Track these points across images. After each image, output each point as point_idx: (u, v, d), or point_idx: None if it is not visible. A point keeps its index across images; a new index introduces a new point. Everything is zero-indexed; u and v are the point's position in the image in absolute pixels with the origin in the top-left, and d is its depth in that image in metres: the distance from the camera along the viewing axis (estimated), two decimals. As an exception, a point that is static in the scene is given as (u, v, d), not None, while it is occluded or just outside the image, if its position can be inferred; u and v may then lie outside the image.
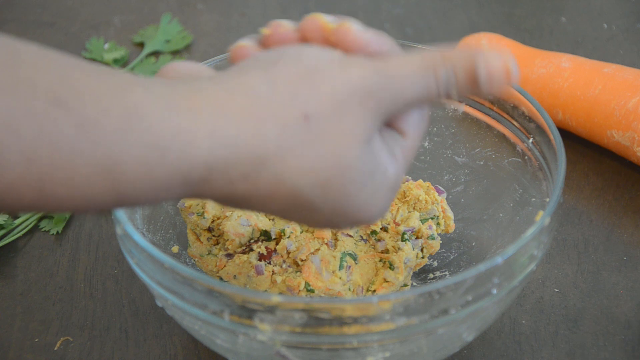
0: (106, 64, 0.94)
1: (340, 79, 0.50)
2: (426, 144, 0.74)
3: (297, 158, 0.49)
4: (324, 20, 0.54)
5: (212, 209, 0.67)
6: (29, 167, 0.44)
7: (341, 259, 0.64)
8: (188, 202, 0.67)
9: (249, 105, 0.48)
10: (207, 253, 0.66)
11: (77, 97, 0.45)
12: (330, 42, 0.54)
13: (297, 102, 0.49)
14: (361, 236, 0.67)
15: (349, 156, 0.49)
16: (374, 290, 0.65)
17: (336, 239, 0.66)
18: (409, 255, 0.65)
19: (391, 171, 0.52)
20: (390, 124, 0.53)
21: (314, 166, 0.49)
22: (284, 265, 0.65)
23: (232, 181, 0.48)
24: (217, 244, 0.67)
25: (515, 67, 0.52)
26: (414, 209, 0.68)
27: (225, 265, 0.66)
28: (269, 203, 0.50)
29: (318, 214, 0.51)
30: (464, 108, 0.72)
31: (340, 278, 0.64)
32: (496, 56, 0.52)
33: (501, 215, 0.70)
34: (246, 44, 0.56)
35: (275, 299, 0.53)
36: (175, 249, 0.68)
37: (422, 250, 0.67)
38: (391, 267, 0.65)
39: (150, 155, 0.46)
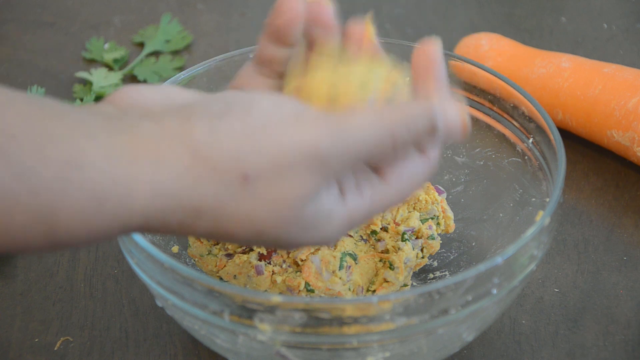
0: (106, 64, 0.95)
1: (288, 141, 0.49)
2: (426, 144, 0.74)
3: (233, 211, 0.49)
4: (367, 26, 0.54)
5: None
6: None
7: (341, 259, 0.64)
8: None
9: (188, 160, 0.48)
10: (207, 253, 0.66)
11: (17, 146, 0.45)
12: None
13: (238, 162, 0.48)
14: (361, 236, 0.67)
15: (286, 214, 0.49)
16: (374, 290, 0.65)
17: (336, 239, 0.66)
18: (409, 255, 0.65)
19: (338, 216, 0.51)
20: (375, 166, 0.53)
21: (248, 218, 0.49)
22: (284, 265, 0.65)
23: (169, 226, 0.49)
24: (217, 244, 0.67)
25: (469, 118, 0.53)
26: (414, 209, 0.68)
27: (225, 265, 0.66)
28: (207, 239, 0.51)
29: (259, 244, 0.52)
30: (464, 108, 0.72)
31: (340, 278, 0.64)
32: (453, 108, 0.52)
33: (501, 215, 0.70)
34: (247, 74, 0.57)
35: (275, 299, 0.53)
36: (175, 249, 0.68)
37: (422, 250, 0.67)
38: (391, 267, 0.65)
39: (87, 205, 0.46)
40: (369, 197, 0.52)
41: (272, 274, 0.65)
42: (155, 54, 0.96)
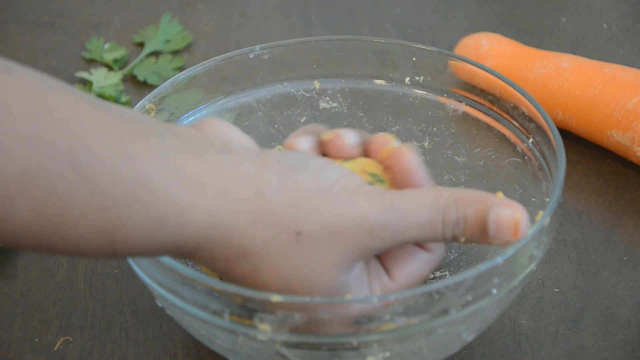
0: (106, 64, 0.94)
1: (344, 208, 0.51)
2: (426, 144, 0.74)
3: (275, 263, 0.51)
4: (390, 140, 0.57)
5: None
6: (35, 221, 0.46)
7: (341, 259, 0.64)
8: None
9: (252, 200, 0.50)
10: (207, 253, 0.66)
11: (93, 164, 0.46)
12: (384, 162, 0.57)
13: (296, 217, 0.51)
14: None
15: (321, 280, 0.52)
16: (374, 290, 0.65)
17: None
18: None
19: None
20: (382, 261, 0.56)
21: (286, 275, 0.51)
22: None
23: (215, 259, 0.51)
24: None
25: (526, 222, 0.53)
26: (414, 209, 0.68)
27: (225, 265, 0.66)
28: (238, 282, 0.53)
29: None
30: (464, 108, 0.72)
31: (340, 278, 0.64)
32: (508, 209, 0.53)
33: (501, 215, 0.70)
34: (301, 144, 0.59)
35: (275, 299, 0.53)
36: (175, 249, 0.68)
37: (422, 250, 0.67)
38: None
39: (149, 226, 0.48)
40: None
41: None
42: (155, 54, 0.96)
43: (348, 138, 0.59)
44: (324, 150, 0.60)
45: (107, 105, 0.49)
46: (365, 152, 0.59)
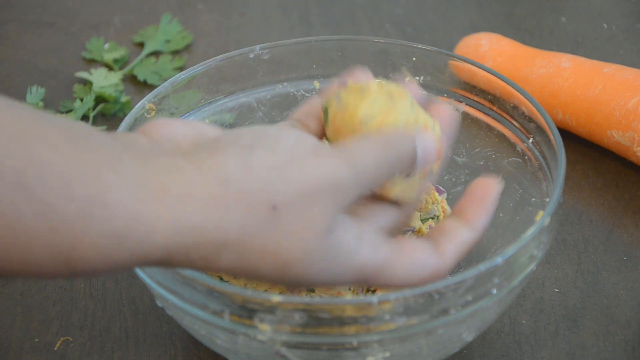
0: (106, 64, 0.94)
1: (311, 171, 0.51)
2: (426, 144, 0.74)
3: (259, 242, 0.50)
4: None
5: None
6: None
7: (341, 259, 0.64)
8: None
9: (218, 192, 0.49)
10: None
11: (43, 183, 0.45)
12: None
13: (267, 193, 0.49)
14: (361, 236, 0.67)
15: (310, 245, 0.51)
16: (374, 290, 0.65)
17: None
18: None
19: (360, 254, 0.53)
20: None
21: (274, 250, 0.50)
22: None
23: (191, 260, 0.49)
24: None
25: (446, 145, 0.58)
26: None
27: (225, 265, 0.66)
28: (229, 274, 0.52)
29: (279, 284, 0.54)
30: (464, 108, 0.72)
31: (340, 278, 0.64)
32: (430, 138, 0.55)
33: (501, 215, 0.70)
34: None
35: (275, 299, 0.53)
36: (175, 249, 0.68)
37: (422, 250, 0.67)
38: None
39: (107, 242, 0.46)
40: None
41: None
42: (155, 54, 0.96)
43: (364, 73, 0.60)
44: None
45: (55, 120, 0.47)
46: None
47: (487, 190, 0.58)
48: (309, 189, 0.50)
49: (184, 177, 0.48)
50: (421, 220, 0.67)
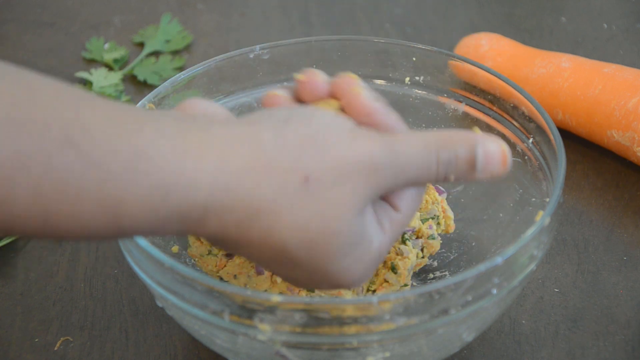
0: (106, 64, 0.95)
1: (347, 150, 0.51)
2: (426, 144, 0.74)
3: (289, 215, 0.50)
4: (357, 84, 0.56)
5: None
6: (36, 200, 0.46)
7: (341, 259, 0.64)
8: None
9: (253, 157, 0.50)
10: (207, 253, 0.66)
11: (88, 138, 0.46)
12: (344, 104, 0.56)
13: (301, 164, 0.50)
14: (361, 236, 0.67)
15: (339, 224, 0.51)
16: (374, 290, 0.65)
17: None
18: (414, 262, 0.66)
19: (376, 244, 0.53)
20: (384, 197, 0.55)
21: (303, 225, 0.50)
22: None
23: (226, 225, 0.50)
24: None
25: (510, 153, 0.55)
26: (414, 209, 0.68)
27: (225, 265, 0.66)
28: (256, 252, 0.52)
29: (300, 271, 0.52)
30: (464, 108, 0.72)
31: (340, 278, 0.64)
32: (493, 141, 0.54)
33: (501, 215, 0.70)
34: (279, 93, 0.57)
35: (275, 299, 0.53)
36: (175, 249, 0.68)
37: (422, 250, 0.67)
38: (394, 270, 0.65)
39: (153, 196, 0.48)
40: (389, 229, 0.54)
41: (272, 274, 0.65)
42: (155, 54, 0.96)
43: (321, 74, 0.58)
44: (297, 97, 0.59)
45: (89, 92, 0.49)
46: (332, 95, 0.58)
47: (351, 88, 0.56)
48: (343, 167, 0.50)
49: (220, 142, 0.49)
50: (421, 220, 0.67)
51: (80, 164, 0.46)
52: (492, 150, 0.54)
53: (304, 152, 0.50)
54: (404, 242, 0.66)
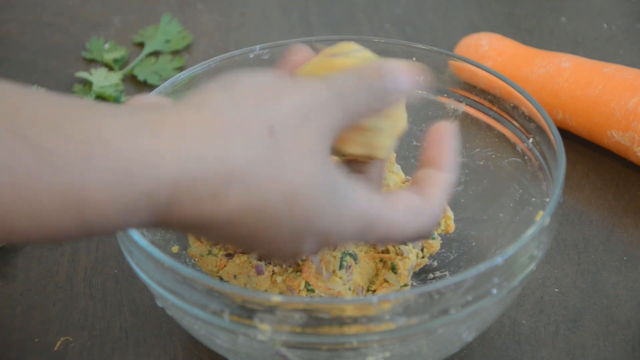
0: (106, 64, 0.95)
1: (298, 94, 0.51)
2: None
3: (264, 170, 0.49)
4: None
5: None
6: None
7: (341, 259, 0.64)
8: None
9: (213, 121, 0.48)
10: (207, 253, 0.66)
11: (35, 127, 0.44)
12: None
13: (261, 115, 0.49)
14: (361, 236, 0.67)
15: (313, 170, 0.50)
16: (374, 290, 0.65)
17: (336, 239, 0.66)
18: (414, 262, 0.66)
19: (360, 192, 0.52)
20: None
21: (279, 179, 0.49)
22: (284, 265, 0.65)
23: (200, 200, 0.48)
24: (217, 243, 0.67)
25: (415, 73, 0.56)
26: (414, 209, 0.68)
27: (225, 265, 0.66)
28: (237, 225, 0.49)
29: (282, 230, 0.50)
30: (464, 108, 0.72)
31: (340, 278, 0.64)
32: (398, 65, 0.55)
33: (501, 215, 0.70)
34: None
35: (275, 299, 0.53)
36: (175, 249, 0.68)
37: (422, 250, 0.67)
38: (394, 270, 0.65)
39: (114, 180, 0.45)
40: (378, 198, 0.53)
41: (272, 273, 0.65)
42: (155, 54, 0.96)
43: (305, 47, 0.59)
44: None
45: (32, 88, 0.47)
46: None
47: (443, 133, 0.58)
48: (300, 109, 0.50)
49: (175, 115, 0.48)
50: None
51: (31, 154, 0.44)
52: (395, 68, 0.54)
53: (259, 104, 0.49)
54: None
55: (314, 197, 0.50)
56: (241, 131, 0.48)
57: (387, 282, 0.65)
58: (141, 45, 0.98)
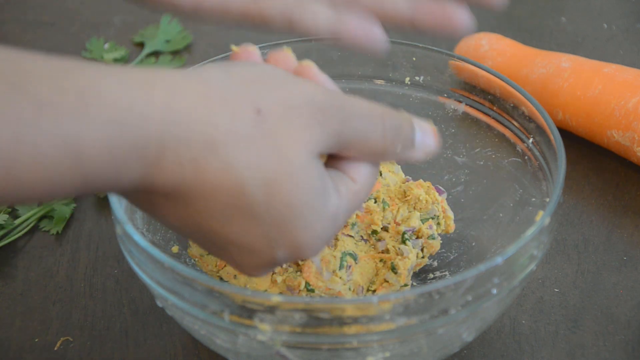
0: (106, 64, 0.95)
1: (294, 88, 0.51)
2: (426, 144, 0.74)
3: (245, 149, 0.49)
4: (291, 55, 0.57)
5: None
6: None
7: (341, 259, 0.65)
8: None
9: (203, 90, 0.49)
10: (207, 253, 0.66)
11: (33, 81, 0.46)
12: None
13: (251, 96, 0.50)
14: (362, 236, 0.67)
15: (296, 162, 0.50)
16: (374, 290, 0.65)
17: (336, 239, 0.66)
18: (414, 262, 0.66)
19: (333, 201, 0.52)
20: (339, 169, 0.54)
21: (260, 161, 0.49)
22: (284, 265, 0.65)
23: (182, 163, 0.48)
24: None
25: (438, 136, 0.56)
26: (414, 208, 0.68)
27: (225, 265, 0.66)
28: (211, 201, 0.49)
29: (258, 223, 0.50)
30: (464, 108, 0.72)
31: (340, 278, 0.64)
32: (425, 121, 0.56)
33: (501, 215, 0.70)
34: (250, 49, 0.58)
35: (275, 299, 0.53)
36: (175, 249, 0.68)
37: (422, 250, 0.67)
38: (394, 270, 0.65)
39: (109, 131, 0.46)
40: (345, 195, 0.53)
41: (273, 273, 0.65)
42: (155, 54, 0.96)
43: (256, 49, 0.58)
44: None
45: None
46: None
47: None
48: (291, 102, 0.50)
49: (167, 77, 0.49)
50: (421, 220, 0.67)
51: (31, 106, 0.45)
52: (427, 127, 0.56)
53: (251, 88, 0.50)
54: (404, 242, 0.66)
55: (294, 190, 0.50)
56: (228, 105, 0.49)
57: (387, 282, 0.65)
58: (141, 45, 0.98)
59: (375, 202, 0.68)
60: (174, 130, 0.48)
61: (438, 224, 0.68)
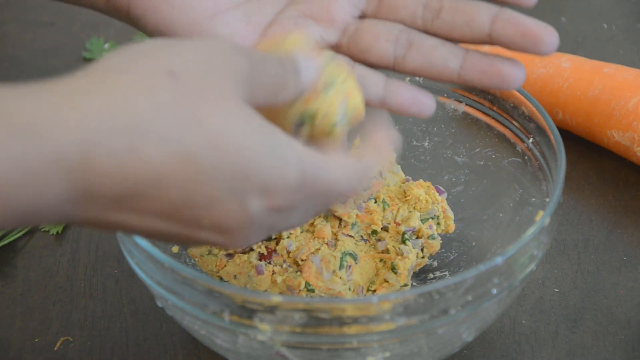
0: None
1: (195, 45, 0.49)
2: (426, 143, 0.74)
3: (174, 113, 0.46)
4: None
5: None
6: None
7: (341, 259, 0.65)
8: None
9: (109, 76, 0.47)
10: (207, 253, 0.67)
11: None
12: None
13: (159, 64, 0.47)
14: (362, 236, 0.67)
15: (230, 110, 0.47)
16: (374, 290, 0.65)
17: (336, 239, 0.66)
18: (414, 262, 0.66)
19: (296, 148, 0.49)
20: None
21: (195, 120, 0.46)
22: (284, 265, 0.65)
23: (117, 154, 0.45)
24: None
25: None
26: (414, 208, 0.68)
27: (225, 265, 0.66)
28: (166, 185, 0.46)
29: (219, 183, 0.47)
30: (464, 108, 0.72)
31: (340, 278, 0.64)
32: (311, 61, 0.53)
33: (501, 215, 0.70)
34: None
35: (275, 299, 0.53)
36: (175, 249, 0.68)
37: (422, 250, 0.67)
38: (394, 270, 0.65)
39: (13, 146, 0.43)
40: (312, 155, 0.50)
41: (273, 273, 0.65)
42: (155, 54, 0.96)
43: None
44: None
45: None
46: None
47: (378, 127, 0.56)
48: (197, 57, 0.48)
49: (68, 80, 0.47)
50: (421, 220, 0.67)
51: None
52: (309, 66, 0.53)
53: (159, 55, 0.48)
54: (404, 242, 0.66)
55: (241, 140, 0.47)
56: (139, 81, 0.46)
57: (387, 282, 0.65)
58: (141, 45, 0.98)
59: (375, 202, 0.68)
60: (94, 125, 0.45)
61: (438, 224, 0.68)
